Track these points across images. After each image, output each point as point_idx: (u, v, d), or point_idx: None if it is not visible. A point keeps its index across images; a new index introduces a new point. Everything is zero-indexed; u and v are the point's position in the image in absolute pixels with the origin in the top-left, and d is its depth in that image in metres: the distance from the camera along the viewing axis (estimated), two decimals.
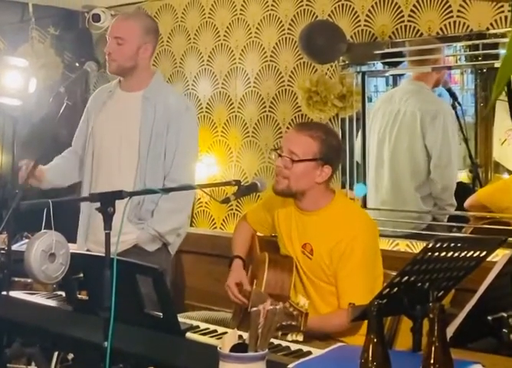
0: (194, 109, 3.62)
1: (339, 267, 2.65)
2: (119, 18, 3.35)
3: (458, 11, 3.69)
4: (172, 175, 3.23)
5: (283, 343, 2.19)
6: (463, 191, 3.83)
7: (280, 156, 2.72)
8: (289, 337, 2.28)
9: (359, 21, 4.09)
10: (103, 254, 2.07)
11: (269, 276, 2.73)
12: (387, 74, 4.17)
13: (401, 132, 3.98)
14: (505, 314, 2.19)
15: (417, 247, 3.80)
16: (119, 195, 2.16)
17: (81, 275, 2.49)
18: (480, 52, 3.62)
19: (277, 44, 4.49)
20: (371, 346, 1.56)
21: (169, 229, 3.25)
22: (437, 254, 1.97)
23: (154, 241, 3.24)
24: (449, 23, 3.73)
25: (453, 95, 3.85)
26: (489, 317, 2.19)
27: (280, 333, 2.27)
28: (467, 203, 3.73)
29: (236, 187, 2.54)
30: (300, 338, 2.28)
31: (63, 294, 2.72)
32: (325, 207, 2.74)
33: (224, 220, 4.81)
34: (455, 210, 3.83)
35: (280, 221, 2.86)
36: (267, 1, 4.51)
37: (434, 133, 3.86)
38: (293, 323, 2.30)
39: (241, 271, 2.89)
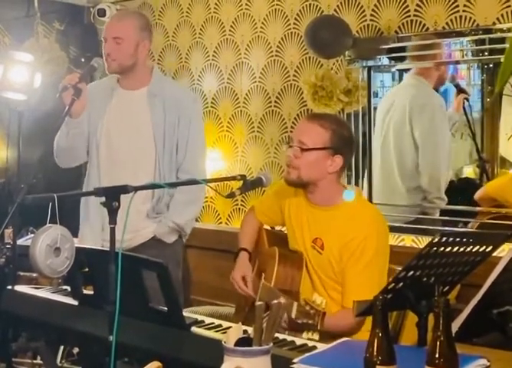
0: (200, 100, 3.71)
1: (348, 266, 2.61)
2: (114, 18, 3.45)
3: (464, 5, 3.68)
4: (186, 166, 3.29)
5: (288, 338, 2.18)
6: (470, 186, 3.82)
7: (290, 146, 2.71)
8: (304, 335, 2.25)
9: (365, 15, 4.08)
10: (108, 249, 2.08)
11: (279, 271, 2.69)
12: (393, 69, 4.16)
13: (391, 125, 4.03)
14: (511, 308, 2.18)
15: (422, 242, 3.80)
16: (124, 189, 2.16)
17: (86, 270, 2.50)
18: (487, 47, 3.61)
19: (282, 38, 4.49)
20: (376, 341, 1.56)
21: (187, 220, 3.34)
22: (442, 248, 1.96)
23: (172, 233, 3.31)
24: (455, 17, 3.71)
25: (462, 90, 3.84)
26: (494, 311, 2.18)
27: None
28: (476, 196, 3.73)
29: (241, 182, 2.54)
30: (316, 337, 2.24)
31: (68, 288, 2.71)
32: (339, 204, 2.70)
33: (229, 215, 4.81)
34: (460, 205, 3.83)
35: (291, 213, 2.82)
36: None
37: (421, 124, 3.91)
38: (310, 321, 2.26)
39: (246, 265, 2.87)
